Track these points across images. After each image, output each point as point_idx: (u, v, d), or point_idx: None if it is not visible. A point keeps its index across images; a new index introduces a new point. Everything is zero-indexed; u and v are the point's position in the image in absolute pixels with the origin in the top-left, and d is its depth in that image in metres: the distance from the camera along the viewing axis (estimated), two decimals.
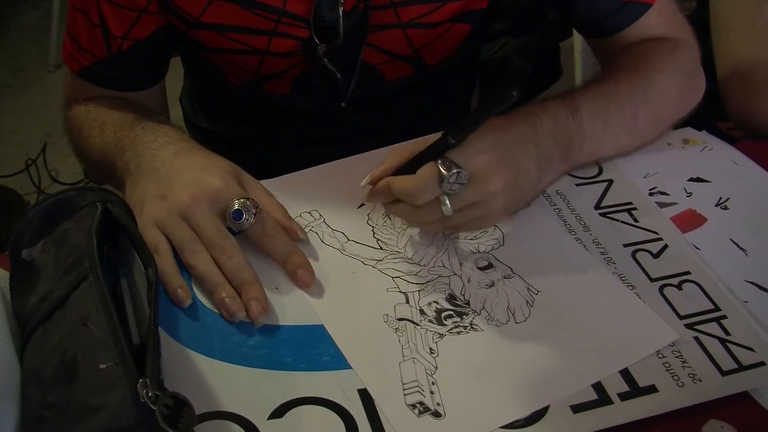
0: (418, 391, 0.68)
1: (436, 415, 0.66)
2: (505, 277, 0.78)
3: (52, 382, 0.57)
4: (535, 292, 0.77)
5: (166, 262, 0.76)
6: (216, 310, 0.75)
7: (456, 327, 0.73)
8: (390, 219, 0.85)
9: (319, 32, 0.93)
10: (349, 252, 0.82)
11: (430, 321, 0.74)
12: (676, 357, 0.71)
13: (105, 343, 0.57)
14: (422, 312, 0.75)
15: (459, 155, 0.73)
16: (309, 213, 0.86)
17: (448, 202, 0.74)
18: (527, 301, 0.76)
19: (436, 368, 0.70)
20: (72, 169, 2.54)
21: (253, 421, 0.64)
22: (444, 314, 0.75)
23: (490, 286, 0.77)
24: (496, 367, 0.70)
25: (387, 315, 0.75)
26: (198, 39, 0.98)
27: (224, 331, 0.72)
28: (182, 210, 0.77)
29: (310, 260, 0.79)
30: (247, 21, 0.93)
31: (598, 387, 0.69)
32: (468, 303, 0.76)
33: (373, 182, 0.77)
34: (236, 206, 0.77)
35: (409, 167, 0.75)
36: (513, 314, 0.74)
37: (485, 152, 0.74)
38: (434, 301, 0.76)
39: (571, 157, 0.86)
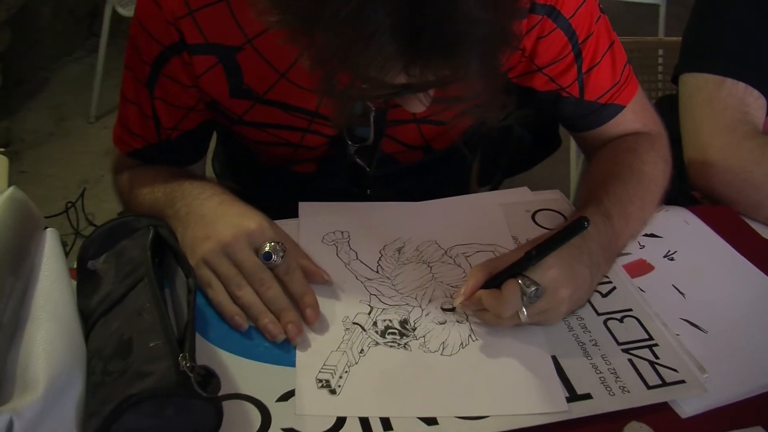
0: (331, 373, 0.85)
1: (332, 392, 0.83)
2: (458, 321, 0.94)
3: (111, 357, 0.74)
4: (474, 339, 0.91)
5: (220, 295, 0.92)
6: None
7: (393, 342, 0.90)
8: (399, 253, 1.03)
9: (349, 133, 1.09)
10: (352, 267, 1.00)
11: (376, 332, 0.91)
12: (611, 373, 0.87)
13: (155, 328, 0.74)
14: (375, 324, 0.92)
15: (534, 272, 0.87)
16: (340, 232, 1.06)
17: (525, 312, 0.87)
18: (462, 342, 0.91)
19: (356, 363, 0.87)
20: (107, 214, 2.72)
21: (264, 402, 0.81)
22: (389, 330, 0.92)
23: (441, 323, 0.93)
24: (402, 377, 0.86)
25: (347, 317, 0.93)
26: (239, 132, 1.14)
27: (245, 334, 0.90)
28: (225, 248, 0.93)
29: (322, 263, 0.98)
30: (283, 120, 1.09)
31: None
32: (414, 330, 0.92)
33: (467, 296, 0.91)
34: (267, 248, 0.93)
35: (493, 282, 0.90)
36: (444, 347, 0.90)
37: (553, 267, 0.88)
38: (389, 320, 0.93)
39: (611, 257, 0.99)
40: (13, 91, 3.29)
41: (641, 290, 1.00)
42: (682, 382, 0.87)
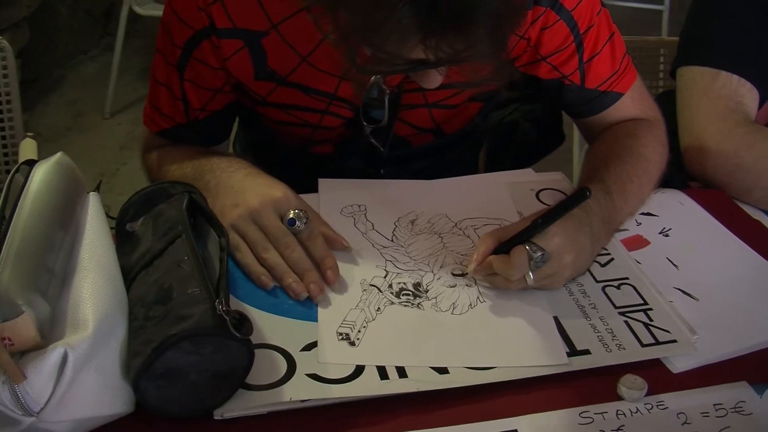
0: (350, 328, 0.93)
1: (351, 344, 0.90)
2: (467, 285, 1.01)
3: (153, 303, 0.81)
4: (482, 300, 0.98)
5: (248, 257, 1.00)
6: None
7: (407, 302, 0.98)
8: (412, 225, 1.11)
9: (364, 114, 1.17)
10: (368, 237, 1.08)
11: (391, 293, 0.99)
12: (608, 332, 0.94)
13: (193, 276, 0.81)
14: (390, 286, 1.00)
15: (540, 239, 0.95)
16: (357, 205, 1.14)
17: (532, 275, 0.95)
18: (471, 303, 0.98)
19: (373, 320, 0.94)
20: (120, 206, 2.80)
21: (290, 351, 0.89)
22: (403, 292, 0.99)
23: (452, 287, 1.01)
24: (415, 332, 0.93)
25: (364, 279, 1.01)
26: (262, 112, 1.22)
27: (271, 293, 0.97)
28: (253, 214, 1.00)
29: (341, 233, 1.05)
30: (304, 102, 1.17)
31: None
32: (426, 292, 1.00)
33: (479, 262, 0.98)
34: (291, 215, 1.01)
35: (502, 248, 0.98)
36: (454, 307, 0.97)
37: (558, 235, 0.96)
38: (403, 282, 1.01)
39: (610, 231, 1.07)
40: (31, 86, 3.36)
41: (638, 262, 1.07)
42: (674, 341, 0.94)
